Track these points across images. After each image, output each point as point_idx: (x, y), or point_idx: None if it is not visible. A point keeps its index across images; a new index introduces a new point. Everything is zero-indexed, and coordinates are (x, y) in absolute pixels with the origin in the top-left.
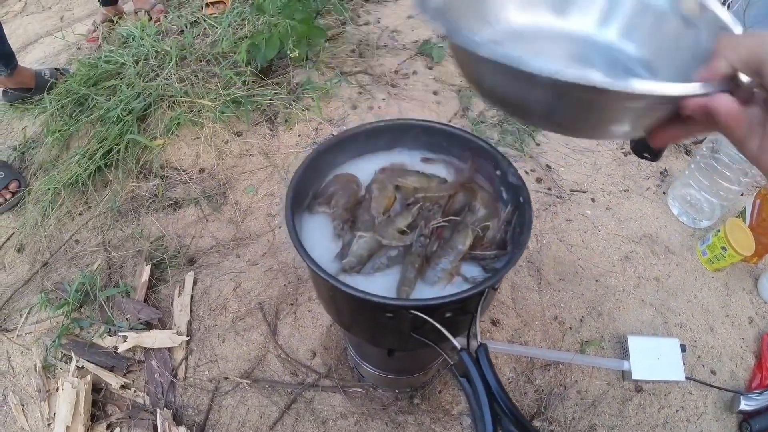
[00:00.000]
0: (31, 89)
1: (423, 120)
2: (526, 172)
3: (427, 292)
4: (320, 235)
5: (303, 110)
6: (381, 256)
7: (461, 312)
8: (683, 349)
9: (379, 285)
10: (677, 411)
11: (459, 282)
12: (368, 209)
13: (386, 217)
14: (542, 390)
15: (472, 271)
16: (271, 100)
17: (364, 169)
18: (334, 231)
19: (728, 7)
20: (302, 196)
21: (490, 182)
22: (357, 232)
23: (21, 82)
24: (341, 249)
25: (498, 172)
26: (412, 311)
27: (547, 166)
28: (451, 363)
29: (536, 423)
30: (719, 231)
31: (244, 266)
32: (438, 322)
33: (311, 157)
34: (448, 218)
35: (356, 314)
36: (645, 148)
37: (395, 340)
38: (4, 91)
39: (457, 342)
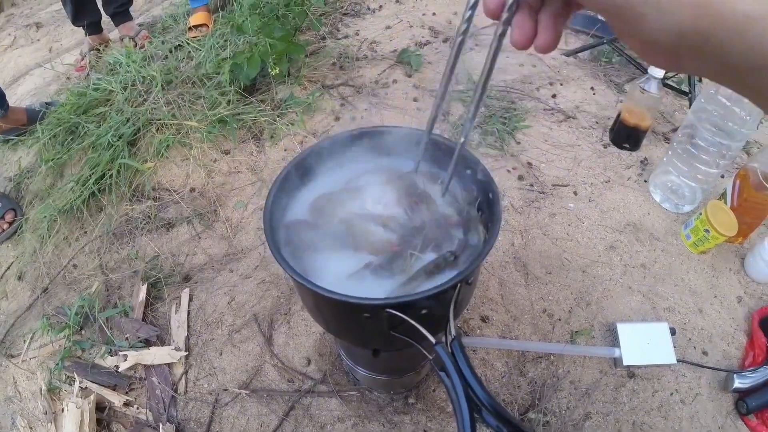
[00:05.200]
0: (25, 124)
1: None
2: (508, 171)
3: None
4: None
5: (288, 125)
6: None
7: (438, 308)
8: (673, 332)
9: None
10: (671, 394)
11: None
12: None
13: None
14: (535, 382)
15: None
16: (255, 117)
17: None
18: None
19: None
20: (281, 209)
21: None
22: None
23: (15, 120)
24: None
25: (468, 171)
26: (387, 309)
27: (528, 163)
28: (431, 358)
29: (531, 415)
30: (701, 214)
31: (238, 280)
32: (415, 319)
33: (282, 178)
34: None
35: (338, 317)
36: (624, 139)
37: (378, 340)
38: None
39: (433, 337)
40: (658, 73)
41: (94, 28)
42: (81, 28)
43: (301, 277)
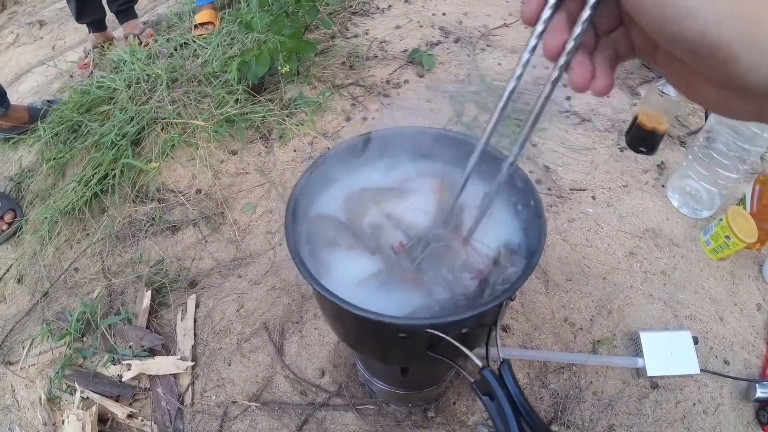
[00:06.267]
0: (26, 123)
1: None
2: None
3: None
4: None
5: (297, 125)
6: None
7: (478, 326)
8: (695, 341)
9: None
10: (694, 404)
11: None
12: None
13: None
14: (558, 394)
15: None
16: (264, 116)
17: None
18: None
19: None
20: (302, 214)
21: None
22: None
23: (16, 119)
24: None
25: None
26: (429, 330)
27: (545, 166)
28: (472, 381)
29: (554, 428)
30: (721, 220)
31: (247, 286)
32: (455, 339)
33: (306, 176)
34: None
35: (366, 334)
36: (640, 142)
37: (408, 359)
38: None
39: (478, 359)
40: None
41: (98, 25)
42: (85, 25)
43: (328, 292)
